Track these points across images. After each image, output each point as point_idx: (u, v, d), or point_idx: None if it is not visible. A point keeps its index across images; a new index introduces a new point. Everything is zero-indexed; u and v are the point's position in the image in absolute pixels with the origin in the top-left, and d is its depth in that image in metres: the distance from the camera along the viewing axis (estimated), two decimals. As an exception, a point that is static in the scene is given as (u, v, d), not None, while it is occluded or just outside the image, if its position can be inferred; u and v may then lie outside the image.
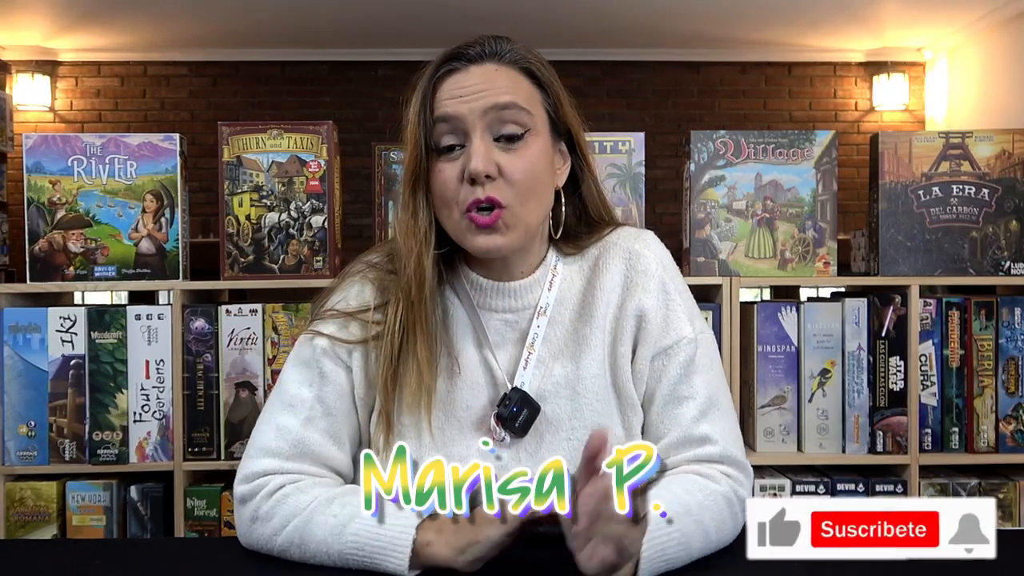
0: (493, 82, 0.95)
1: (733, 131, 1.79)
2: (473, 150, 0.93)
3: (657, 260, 1.05)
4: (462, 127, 0.94)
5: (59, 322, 1.71)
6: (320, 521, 0.90)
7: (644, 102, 5.77)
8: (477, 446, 0.96)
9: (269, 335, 1.72)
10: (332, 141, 1.77)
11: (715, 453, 0.99)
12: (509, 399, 0.97)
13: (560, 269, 1.04)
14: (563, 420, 1.00)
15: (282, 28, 5.16)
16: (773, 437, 1.77)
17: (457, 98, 0.95)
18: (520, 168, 0.94)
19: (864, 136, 5.66)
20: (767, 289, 2.63)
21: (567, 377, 1.00)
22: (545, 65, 1.02)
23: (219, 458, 1.72)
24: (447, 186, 0.95)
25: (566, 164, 1.05)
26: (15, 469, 1.72)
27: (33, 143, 1.74)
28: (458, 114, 0.94)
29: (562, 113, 1.02)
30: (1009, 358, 1.76)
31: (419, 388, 0.96)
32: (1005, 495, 1.77)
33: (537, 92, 1.00)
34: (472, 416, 0.99)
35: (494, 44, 0.98)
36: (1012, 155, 1.79)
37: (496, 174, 0.93)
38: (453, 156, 0.95)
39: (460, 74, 0.96)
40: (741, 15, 5.01)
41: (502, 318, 1.02)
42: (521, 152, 0.95)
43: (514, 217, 0.95)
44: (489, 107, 0.94)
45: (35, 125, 5.50)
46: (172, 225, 1.75)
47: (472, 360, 1.01)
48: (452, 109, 0.94)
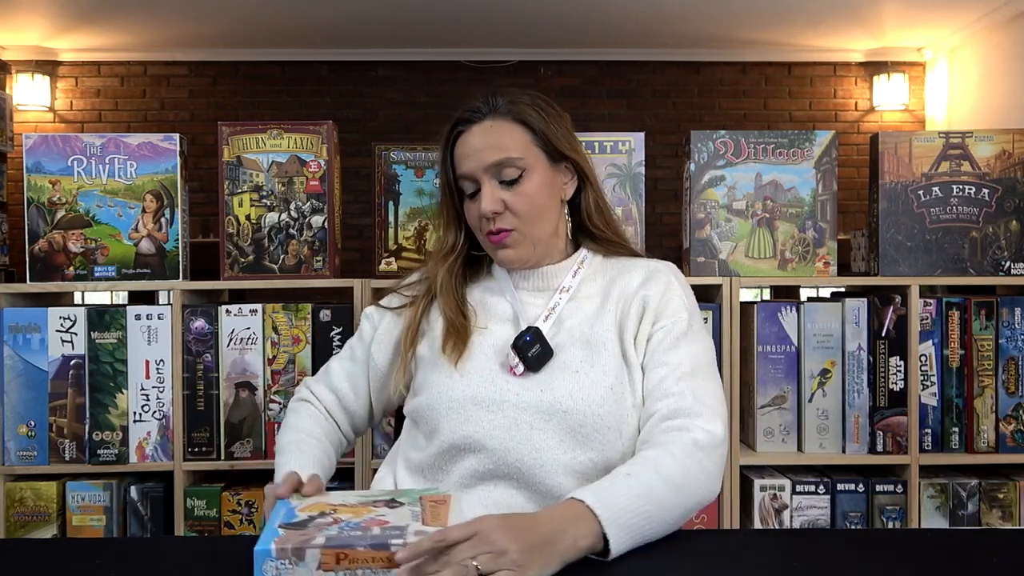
0: (489, 140, 1.20)
1: (733, 131, 1.79)
2: (483, 195, 1.20)
3: (673, 273, 1.26)
4: (475, 178, 1.21)
5: (59, 322, 1.71)
6: (301, 414, 1.28)
7: (644, 102, 5.77)
8: (495, 369, 1.16)
9: (269, 335, 1.72)
10: (332, 141, 1.77)
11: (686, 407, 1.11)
12: (526, 332, 1.17)
13: (587, 263, 1.26)
14: (575, 364, 1.15)
15: (282, 28, 5.16)
16: (773, 437, 1.77)
17: (467, 158, 1.21)
18: (521, 202, 1.19)
19: (864, 136, 5.66)
20: (767, 289, 2.63)
21: (582, 332, 1.18)
22: (536, 108, 1.23)
23: (219, 458, 1.72)
24: (473, 220, 1.24)
25: (573, 178, 1.27)
26: (15, 469, 1.72)
27: (33, 143, 1.74)
28: (469, 171, 1.21)
29: (554, 143, 1.22)
30: (1009, 358, 1.76)
31: (450, 329, 1.21)
32: (1005, 495, 1.77)
33: (527, 135, 1.21)
34: (495, 351, 1.19)
35: (491, 101, 1.22)
36: (1012, 155, 1.79)
37: (503, 209, 1.19)
38: (476, 199, 1.22)
39: (466, 135, 1.22)
40: (741, 15, 5.00)
41: (531, 293, 1.25)
42: (520, 190, 1.19)
43: (521, 236, 1.21)
44: (490, 164, 1.19)
45: (35, 125, 5.50)
46: (172, 225, 1.75)
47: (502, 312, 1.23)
48: (465, 168, 1.21)
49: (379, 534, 0.84)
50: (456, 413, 1.14)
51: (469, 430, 1.13)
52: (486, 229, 1.21)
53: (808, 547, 1.00)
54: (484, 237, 1.23)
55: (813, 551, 0.97)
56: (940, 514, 1.78)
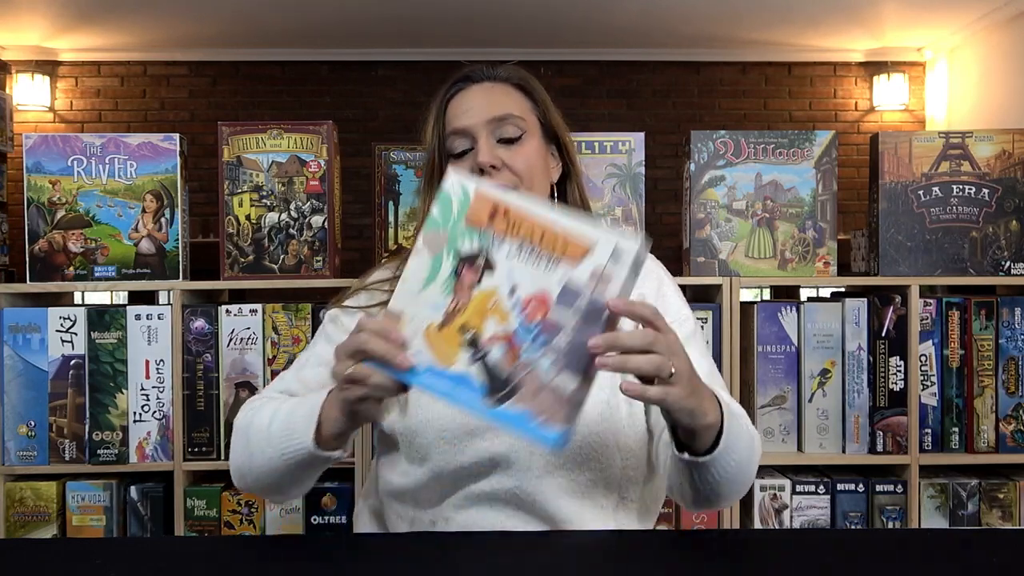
0: (492, 97, 1.16)
1: (733, 131, 1.79)
2: (479, 149, 1.13)
3: (657, 265, 1.24)
4: (471, 133, 1.14)
5: (59, 322, 1.71)
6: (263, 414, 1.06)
7: (644, 102, 5.77)
8: None
9: (269, 335, 1.72)
10: (332, 141, 1.77)
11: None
12: None
13: None
14: None
15: (282, 28, 5.16)
16: (773, 437, 1.77)
17: (464, 113, 1.15)
18: (520, 160, 1.14)
19: (864, 136, 5.66)
20: (767, 289, 2.63)
21: None
22: (534, 80, 1.21)
23: (219, 458, 1.72)
24: None
25: (558, 164, 1.24)
26: (15, 469, 1.72)
27: (33, 143, 1.74)
28: (466, 126, 1.14)
29: (550, 119, 1.20)
30: (1009, 358, 1.76)
31: None
32: (1005, 495, 1.77)
33: (528, 102, 1.19)
34: None
35: (490, 67, 1.19)
36: (1012, 155, 1.79)
37: (501, 165, 1.13)
38: (465, 158, 1.15)
39: (464, 93, 1.17)
40: (741, 15, 5.01)
41: None
42: (519, 149, 1.14)
43: None
44: (491, 119, 1.14)
45: (35, 125, 5.50)
46: (172, 225, 1.75)
47: None
48: (461, 123, 1.15)
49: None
50: (448, 444, 1.07)
51: (463, 460, 1.07)
52: None
53: (808, 547, 1.00)
54: None
55: (813, 551, 0.97)
56: (940, 514, 1.78)
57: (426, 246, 0.86)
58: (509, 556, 0.92)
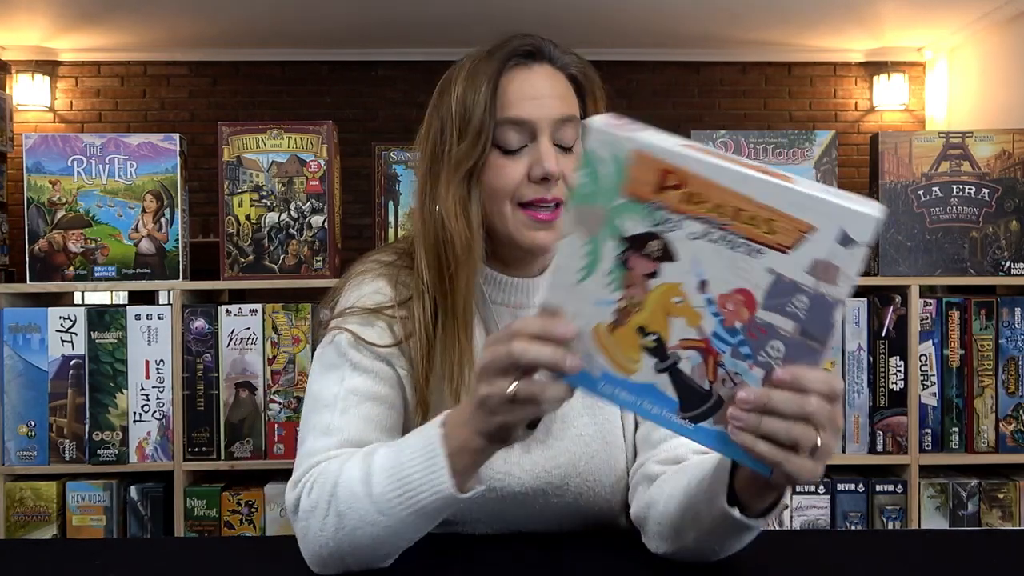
0: (556, 89, 0.96)
1: (733, 131, 1.79)
2: (544, 153, 0.93)
3: None
4: (532, 130, 0.94)
5: (59, 322, 1.71)
6: (348, 478, 0.84)
7: (644, 102, 5.76)
8: None
9: (269, 335, 1.72)
10: (332, 141, 1.77)
11: None
12: None
13: None
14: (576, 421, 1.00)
15: (282, 28, 5.16)
16: (773, 437, 1.77)
17: (529, 100, 0.94)
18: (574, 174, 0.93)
19: (864, 136, 5.66)
20: (767, 289, 2.62)
21: None
22: (589, 70, 1.02)
23: (219, 458, 1.72)
24: (510, 181, 0.94)
25: None
26: (15, 469, 1.72)
27: (33, 143, 1.74)
28: (532, 118, 0.94)
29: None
30: (1009, 358, 1.76)
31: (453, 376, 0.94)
32: (1005, 495, 1.77)
33: (576, 101, 1.00)
34: None
35: (549, 47, 0.98)
36: (1012, 155, 1.79)
37: (560, 177, 0.95)
38: (520, 155, 0.95)
39: (526, 73, 0.96)
40: (741, 15, 5.00)
41: (512, 313, 1.02)
42: (572, 160, 0.96)
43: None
44: (559, 117, 0.95)
45: (35, 125, 5.50)
46: (172, 225, 1.75)
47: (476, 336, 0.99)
48: (526, 113, 0.94)
49: None
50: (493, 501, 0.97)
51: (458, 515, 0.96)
52: (534, 197, 0.94)
53: (808, 547, 1.00)
54: (513, 210, 0.95)
55: (813, 551, 0.97)
56: (940, 514, 1.77)
57: (579, 225, 0.68)
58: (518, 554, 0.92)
